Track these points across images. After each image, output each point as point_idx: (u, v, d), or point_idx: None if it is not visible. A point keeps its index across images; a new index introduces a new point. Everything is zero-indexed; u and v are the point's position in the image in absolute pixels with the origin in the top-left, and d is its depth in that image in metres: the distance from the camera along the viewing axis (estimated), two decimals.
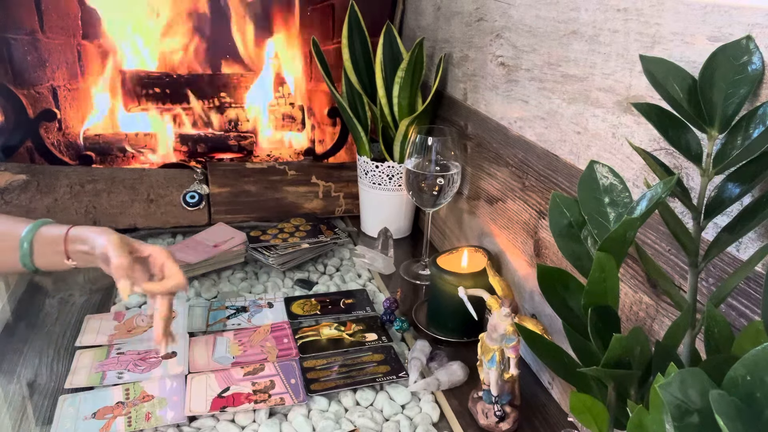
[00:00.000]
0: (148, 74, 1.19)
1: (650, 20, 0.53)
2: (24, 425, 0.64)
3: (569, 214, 0.46)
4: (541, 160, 0.73)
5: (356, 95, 1.08)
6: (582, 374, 0.43)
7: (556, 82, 0.68)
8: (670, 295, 0.44)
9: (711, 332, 0.38)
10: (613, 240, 0.38)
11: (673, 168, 0.51)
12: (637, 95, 0.55)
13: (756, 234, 0.44)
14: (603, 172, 0.45)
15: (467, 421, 0.67)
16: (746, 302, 0.45)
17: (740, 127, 0.41)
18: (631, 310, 0.58)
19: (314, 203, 1.15)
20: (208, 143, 1.22)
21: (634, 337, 0.38)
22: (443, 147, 0.89)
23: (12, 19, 1.05)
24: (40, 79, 1.09)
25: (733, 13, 0.45)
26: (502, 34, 0.81)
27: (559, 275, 0.44)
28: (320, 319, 0.84)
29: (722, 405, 0.26)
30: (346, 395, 0.70)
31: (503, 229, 0.83)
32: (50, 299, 0.88)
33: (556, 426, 0.67)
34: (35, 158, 1.10)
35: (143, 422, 0.64)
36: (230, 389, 0.69)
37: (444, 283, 0.80)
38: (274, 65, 1.25)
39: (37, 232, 0.71)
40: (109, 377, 0.70)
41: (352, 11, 1.06)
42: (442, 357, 0.75)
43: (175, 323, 0.81)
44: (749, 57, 0.41)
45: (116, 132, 1.19)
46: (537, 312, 0.74)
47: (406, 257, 1.05)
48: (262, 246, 0.98)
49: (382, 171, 1.07)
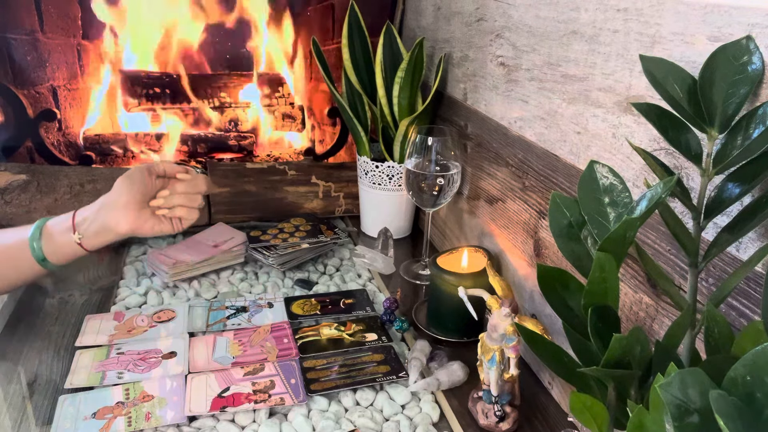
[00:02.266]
0: (148, 74, 1.19)
1: (650, 20, 0.53)
2: (24, 425, 0.64)
3: (569, 214, 0.46)
4: (541, 160, 0.73)
5: (356, 95, 1.08)
6: (582, 374, 0.43)
7: (556, 82, 0.68)
8: (670, 295, 0.44)
9: (711, 332, 0.38)
10: (613, 240, 0.38)
11: (673, 168, 0.51)
12: (637, 95, 0.55)
13: (756, 234, 0.44)
14: (603, 172, 0.45)
15: (467, 421, 0.67)
16: (746, 302, 0.45)
17: (740, 127, 0.41)
18: (631, 310, 0.58)
19: (314, 203, 1.15)
20: (208, 143, 1.22)
21: (634, 337, 0.38)
22: (443, 147, 0.89)
23: (12, 19, 1.05)
24: (40, 79, 1.09)
25: (733, 13, 0.45)
26: (502, 34, 0.81)
27: (559, 275, 0.44)
28: (320, 319, 0.84)
29: (722, 405, 0.26)
30: (346, 395, 0.70)
31: (503, 229, 0.83)
32: (50, 299, 0.88)
33: (556, 426, 0.67)
34: (35, 158, 1.10)
35: (143, 422, 0.64)
36: (230, 389, 0.69)
37: (444, 283, 0.80)
38: (274, 65, 1.26)
39: (44, 227, 0.75)
40: (109, 377, 0.70)
41: (352, 11, 1.06)
42: (442, 357, 0.75)
43: (175, 323, 0.82)
44: (749, 57, 0.41)
45: (116, 132, 1.19)
46: (537, 312, 0.74)
47: (406, 257, 1.05)
48: (262, 246, 0.98)
49: (382, 171, 1.07)
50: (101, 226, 0.75)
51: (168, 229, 0.79)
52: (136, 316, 0.83)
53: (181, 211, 0.79)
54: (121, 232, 0.76)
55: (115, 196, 0.76)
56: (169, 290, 0.91)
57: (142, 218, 0.77)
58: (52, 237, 0.75)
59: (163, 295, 0.90)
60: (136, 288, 0.91)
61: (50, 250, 0.75)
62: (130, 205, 0.76)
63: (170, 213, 0.79)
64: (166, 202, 0.79)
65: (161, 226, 0.79)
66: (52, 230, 0.75)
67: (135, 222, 0.76)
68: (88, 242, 0.76)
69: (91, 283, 0.93)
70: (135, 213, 0.76)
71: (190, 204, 0.80)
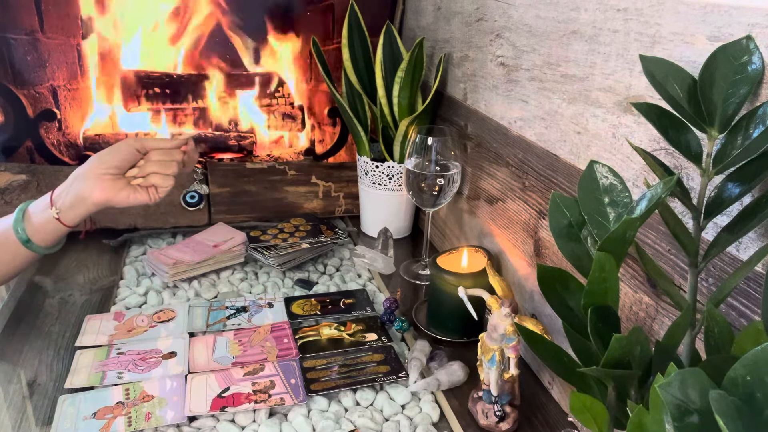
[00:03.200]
0: (148, 74, 1.19)
1: (650, 20, 0.53)
2: (24, 425, 0.64)
3: (569, 214, 0.46)
4: (541, 160, 0.73)
5: (356, 95, 1.08)
6: (582, 374, 0.43)
7: (556, 82, 0.68)
8: (670, 295, 0.44)
9: (711, 332, 0.38)
10: (613, 240, 0.38)
11: (673, 168, 0.51)
12: (637, 95, 0.55)
13: (756, 234, 0.44)
14: (603, 172, 0.45)
15: (467, 421, 0.67)
16: (746, 302, 0.45)
17: (740, 127, 0.41)
18: (631, 310, 0.58)
19: (314, 203, 1.15)
20: (208, 143, 1.22)
21: (634, 337, 0.38)
22: (443, 147, 0.89)
23: (12, 19, 1.05)
24: (40, 79, 1.09)
25: (733, 13, 0.45)
26: (502, 34, 0.81)
27: (559, 275, 0.44)
28: (320, 319, 0.84)
29: (722, 405, 0.26)
30: (346, 395, 0.70)
31: (503, 229, 0.83)
32: (50, 299, 0.88)
33: (556, 426, 0.67)
34: (35, 158, 1.10)
35: (143, 422, 0.64)
36: (230, 389, 0.69)
37: (444, 283, 0.80)
38: (274, 65, 1.25)
39: (27, 209, 0.76)
40: (109, 377, 0.70)
41: (352, 11, 1.06)
42: (442, 357, 0.75)
43: (175, 323, 0.82)
44: (749, 57, 0.41)
45: (116, 132, 1.19)
46: (537, 312, 0.74)
47: (406, 257, 1.05)
48: (262, 246, 0.98)
49: (382, 171, 1.07)
50: (75, 196, 0.75)
51: (144, 198, 0.78)
52: (136, 316, 0.83)
53: (156, 178, 0.78)
54: (95, 201, 0.75)
55: (89, 167, 0.76)
56: (169, 290, 0.91)
57: (117, 187, 0.76)
58: (33, 217, 0.76)
59: (163, 295, 0.90)
60: (136, 288, 0.91)
61: (33, 230, 0.75)
62: (104, 175, 0.76)
63: (145, 182, 0.78)
64: (140, 170, 0.78)
65: (136, 195, 0.77)
66: (34, 210, 0.76)
67: (109, 191, 0.76)
68: (65, 216, 0.75)
69: (91, 283, 0.93)
70: (109, 182, 0.76)
71: (164, 171, 0.78)
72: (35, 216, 0.76)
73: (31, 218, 0.76)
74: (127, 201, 0.77)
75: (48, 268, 0.96)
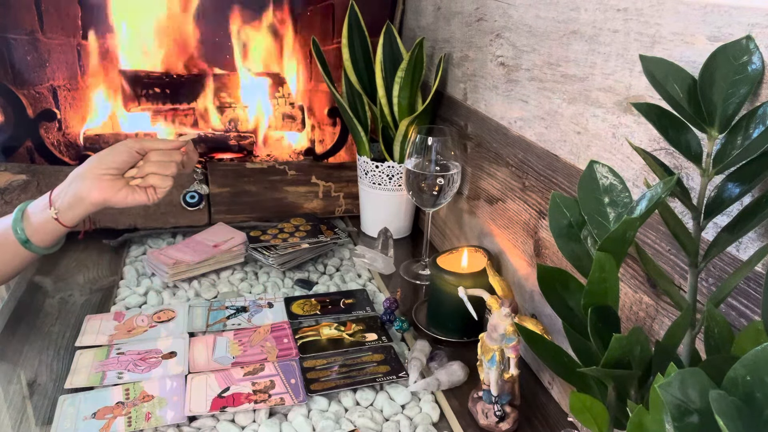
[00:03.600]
0: (148, 74, 1.19)
1: (650, 20, 0.53)
2: (24, 425, 0.64)
3: (569, 214, 0.46)
4: (541, 160, 0.73)
5: (356, 95, 1.08)
6: (582, 374, 0.43)
7: (556, 82, 0.68)
8: (670, 295, 0.44)
9: (711, 332, 0.38)
10: (613, 240, 0.38)
11: (673, 168, 0.51)
12: (637, 95, 0.55)
13: (756, 234, 0.44)
14: (603, 172, 0.45)
15: (467, 421, 0.67)
16: (746, 302, 0.45)
17: (740, 127, 0.41)
18: (631, 310, 0.58)
19: (314, 203, 1.15)
20: (208, 143, 1.22)
21: (634, 337, 0.38)
22: (443, 147, 0.89)
23: (12, 19, 1.05)
24: (40, 79, 1.09)
25: (733, 13, 0.45)
26: (502, 34, 0.81)
27: (559, 275, 0.44)
28: (320, 319, 0.84)
29: (722, 405, 0.26)
30: (346, 395, 0.70)
31: (503, 229, 0.83)
32: (50, 299, 0.88)
33: (556, 426, 0.67)
34: (35, 158, 1.10)
35: (143, 422, 0.64)
36: (230, 389, 0.69)
37: (444, 283, 0.80)
38: (274, 65, 1.25)
39: (26, 209, 0.76)
40: (109, 377, 0.70)
41: (352, 11, 1.06)
42: (442, 357, 0.75)
43: (175, 323, 0.82)
44: (749, 57, 0.41)
45: (116, 132, 1.19)
46: (537, 312, 0.74)
47: (406, 257, 1.05)
48: (262, 246, 0.98)
49: (382, 171, 1.07)
50: (73, 197, 0.75)
51: (142, 198, 0.78)
52: (136, 316, 0.83)
53: (154, 179, 0.78)
54: (93, 201, 0.75)
55: (88, 167, 0.76)
56: (169, 290, 0.91)
57: (116, 187, 0.76)
58: (32, 217, 0.76)
59: (163, 295, 0.90)
60: (136, 288, 0.91)
61: (32, 231, 0.75)
62: (103, 175, 0.76)
63: (143, 182, 0.78)
64: (139, 171, 0.78)
65: (135, 195, 0.77)
66: (33, 210, 0.76)
67: (108, 191, 0.75)
68: (64, 216, 0.75)
69: (91, 283, 0.93)
70: (108, 183, 0.76)
71: (162, 172, 0.78)
72: (34, 216, 0.76)
73: (30, 218, 0.76)
74: (126, 201, 0.77)
75: (48, 268, 0.96)
